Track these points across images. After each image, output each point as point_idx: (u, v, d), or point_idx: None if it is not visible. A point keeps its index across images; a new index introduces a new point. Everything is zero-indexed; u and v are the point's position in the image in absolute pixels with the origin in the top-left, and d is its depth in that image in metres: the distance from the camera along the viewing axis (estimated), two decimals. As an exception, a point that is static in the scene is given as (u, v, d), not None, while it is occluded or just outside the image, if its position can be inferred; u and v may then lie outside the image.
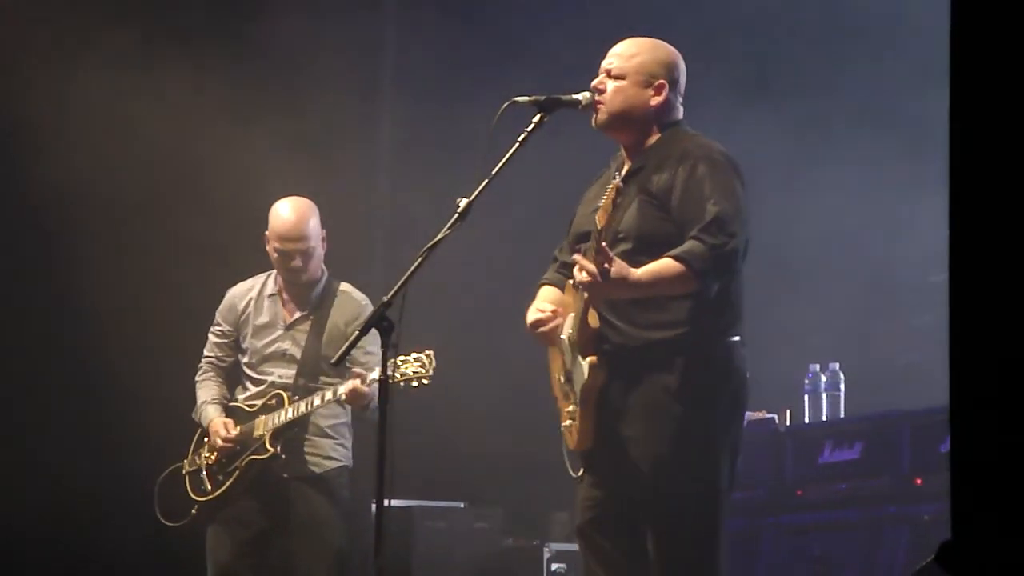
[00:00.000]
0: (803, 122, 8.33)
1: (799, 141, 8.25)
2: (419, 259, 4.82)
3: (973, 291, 2.69)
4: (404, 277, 4.80)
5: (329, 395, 6.42)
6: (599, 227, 4.75)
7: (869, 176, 8.42)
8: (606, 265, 4.74)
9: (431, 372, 6.10)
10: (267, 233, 6.72)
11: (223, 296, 6.90)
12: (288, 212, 6.67)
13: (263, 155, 8.08)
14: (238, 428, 6.63)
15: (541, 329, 5.17)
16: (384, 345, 4.82)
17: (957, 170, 2.71)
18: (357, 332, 4.97)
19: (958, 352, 2.69)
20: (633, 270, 4.82)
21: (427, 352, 6.12)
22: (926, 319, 6.97)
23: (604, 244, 4.76)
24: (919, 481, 6.81)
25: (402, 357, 6.10)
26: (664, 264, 4.86)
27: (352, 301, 6.73)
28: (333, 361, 5.31)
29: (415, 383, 6.10)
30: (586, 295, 4.89)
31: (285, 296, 6.76)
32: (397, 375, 6.07)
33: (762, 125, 8.01)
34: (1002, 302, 2.65)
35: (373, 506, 4.85)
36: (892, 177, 8.26)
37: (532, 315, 5.20)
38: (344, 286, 6.79)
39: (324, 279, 6.76)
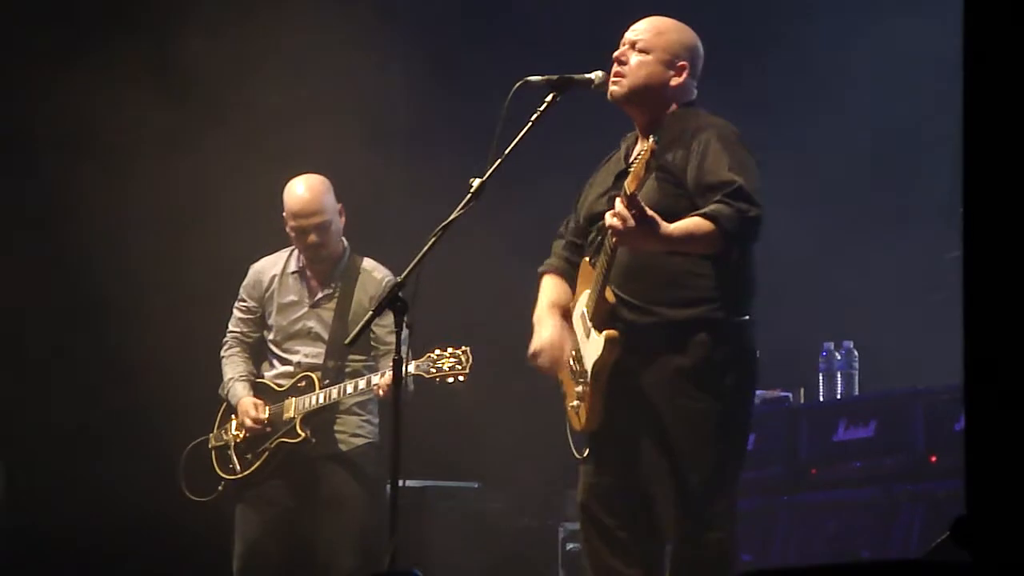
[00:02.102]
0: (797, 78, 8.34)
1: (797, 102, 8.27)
2: (432, 239, 4.81)
3: (987, 267, 2.69)
4: (418, 257, 4.80)
5: (363, 384, 6.46)
6: (628, 192, 4.72)
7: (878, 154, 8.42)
8: (636, 213, 4.71)
9: (468, 370, 6.15)
10: (284, 213, 6.74)
11: (246, 270, 6.92)
12: (302, 189, 6.71)
13: (279, 133, 8.10)
14: (268, 408, 6.67)
15: (538, 363, 5.17)
16: (398, 325, 4.83)
17: (972, 149, 2.70)
18: (370, 313, 4.98)
19: (972, 329, 2.69)
20: (665, 223, 4.80)
21: (464, 349, 6.17)
22: (941, 296, 6.96)
23: (635, 193, 4.72)
24: (934, 459, 6.81)
25: (438, 352, 6.15)
26: (695, 221, 4.84)
27: (374, 279, 6.74)
28: (347, 342, 5.32)
29: (451, 379, 6.15)
30: (614, 241, 4.86)
31: (308, 273, 6.78)
32: (433, 370, 6.14)
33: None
34: (1016, 278, 2.65)
35: (388, 486, 4.87)
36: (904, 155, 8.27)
37: (537, 344, 5.18)
38: (367, 262, 6.80)
39: (346, 254, 6.78)
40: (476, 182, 4.86)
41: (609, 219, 4.79)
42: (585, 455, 5.16)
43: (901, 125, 8.24)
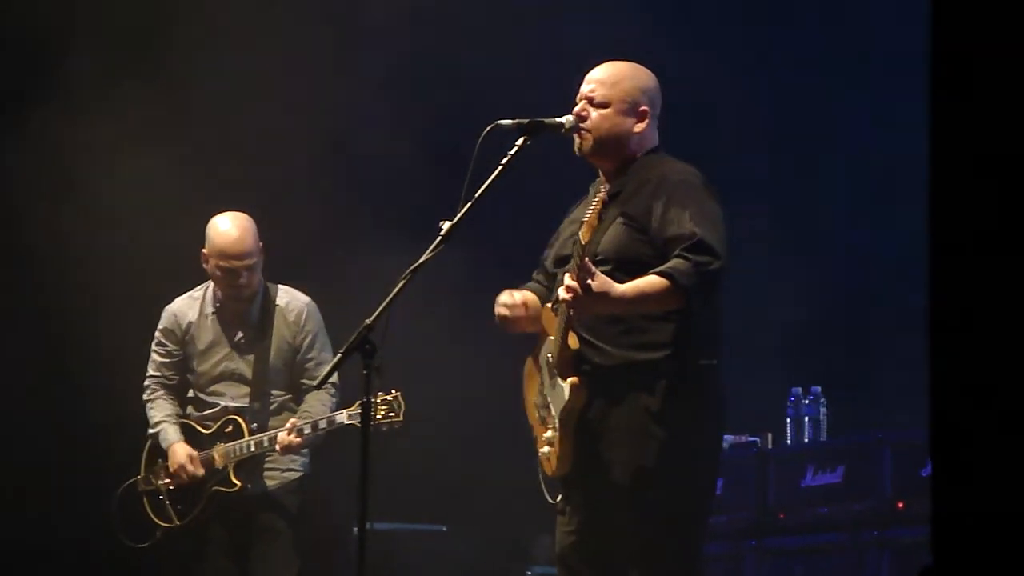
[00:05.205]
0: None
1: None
2: (402, 281, 4.80)
3: (953, 313, 2.69)
4: (387, 299, 4.79)
5: (266, 442, 6.48)
6: (583, 242, 4.74)
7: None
8: (588, 281, 4.74)
9: (401, 416, 6.11)
10: (205, 251, 6.63)
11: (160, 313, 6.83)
12: (230, 227, 6.61)
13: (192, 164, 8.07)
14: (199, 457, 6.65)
15: (503, 313, 5.14)
16: (367, 368, 4.81)
17: (935, 188, 2.71)
18: (340, 355, 4.95)
19: (938, 375, 2.69)
20: (617, 285, 4.81)
21: (395, 393, 6.12)
22: (907, 341, 6.99)
23: (587, 259, 4.75)
24: (901, 505, 6.82)
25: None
26: (649, 280, 4.84)
27: (293, 311, 6.69)
28: (316, 385, 5.29)
29: (385, 427, 6.12)
30: (571, 312, 4.89)
31: (226, 314, 6.71)
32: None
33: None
34: (982, 324, 2.65)
35: (355, 530, 4.85)
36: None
37: (501, 299, 5.16)
38: (281, 295, 6.73)
39: (262, 291, 6.70)
40: (446, 225, 4.86)
41: (562, 294, 4.81)
42: (559, 500, 5.15)
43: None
